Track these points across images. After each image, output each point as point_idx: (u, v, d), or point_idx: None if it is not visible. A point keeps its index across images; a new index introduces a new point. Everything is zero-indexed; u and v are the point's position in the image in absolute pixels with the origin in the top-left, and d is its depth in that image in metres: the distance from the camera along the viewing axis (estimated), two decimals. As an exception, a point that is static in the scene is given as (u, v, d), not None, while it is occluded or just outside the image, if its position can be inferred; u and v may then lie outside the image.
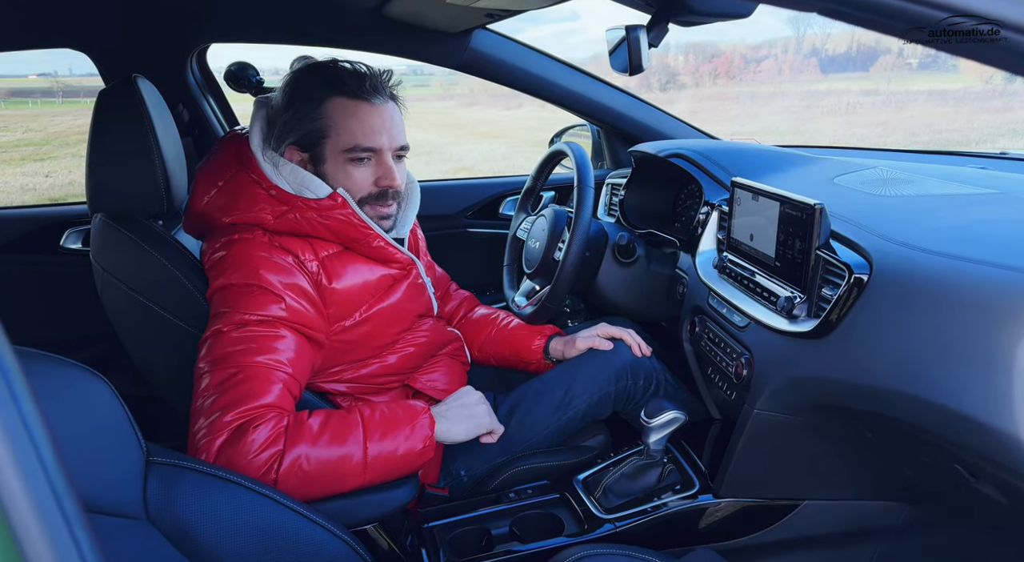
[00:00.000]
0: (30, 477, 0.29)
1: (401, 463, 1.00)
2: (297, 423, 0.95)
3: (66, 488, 0.31)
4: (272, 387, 0.96)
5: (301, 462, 0.91)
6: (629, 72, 1.05)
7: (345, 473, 0.95)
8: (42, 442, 0.30)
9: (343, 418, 0.99)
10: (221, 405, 0.93)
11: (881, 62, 35.91)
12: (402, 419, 1.02)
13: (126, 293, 1.11)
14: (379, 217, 1.16)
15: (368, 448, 0.97)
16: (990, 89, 21.09)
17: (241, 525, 0.79)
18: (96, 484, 0.68)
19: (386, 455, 0.98)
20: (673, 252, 1.55)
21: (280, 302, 1.02)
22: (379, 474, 0.98)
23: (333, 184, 1.12)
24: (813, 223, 0.95)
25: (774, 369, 1.04)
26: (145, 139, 1.11)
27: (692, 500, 1.17)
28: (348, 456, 0.95)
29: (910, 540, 1.20)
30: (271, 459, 0.90)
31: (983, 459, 0.77)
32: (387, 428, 1.00)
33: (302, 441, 0.93)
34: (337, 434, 0.96)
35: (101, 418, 0.70)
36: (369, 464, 0.96)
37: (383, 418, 1.01)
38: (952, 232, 0.89)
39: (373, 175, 1.13)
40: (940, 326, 0.78)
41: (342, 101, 1.10)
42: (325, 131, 1.10)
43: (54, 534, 0.29)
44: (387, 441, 0.99)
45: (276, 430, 0.92)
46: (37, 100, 23.39)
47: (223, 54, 1.72)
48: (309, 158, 1.12)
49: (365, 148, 1.10)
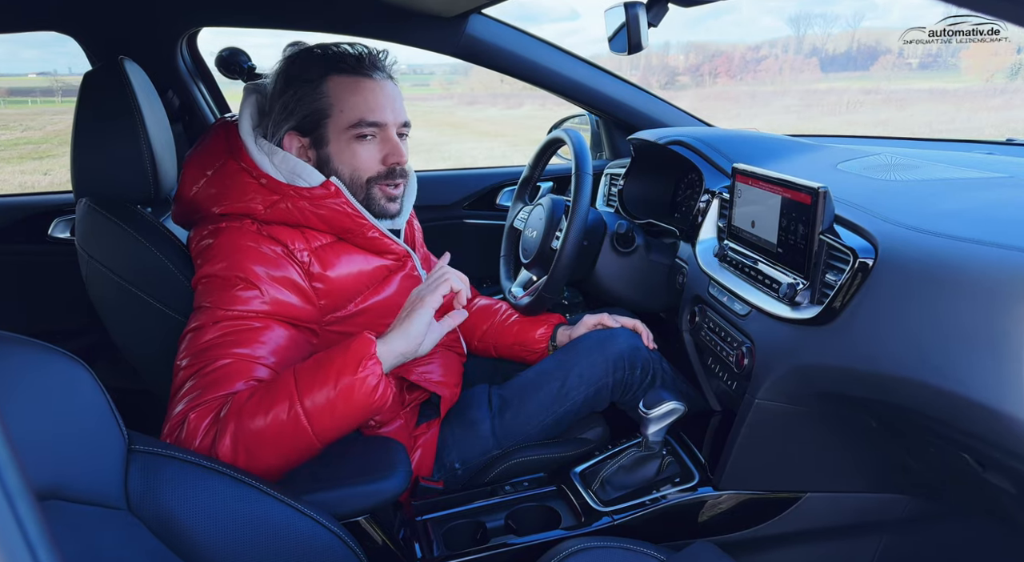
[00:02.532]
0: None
1: (348, 400, 0.88)
2: (234, 399, 0.89)
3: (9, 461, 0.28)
4: (241, 381, 0.92)
5: (237, 435, 0.86)
6: (628, 50, 1.03)
7: (287, 431, 0.87)
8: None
9: (275, 379, 0.92)
10: (184, 398, 0.90)
11: (881, 61, 35.94)
12: (334, 353, 0.92)
13: (112, 280, 1.08)
14: (388, 199, 1.13)
15: (302, 398, 0.87)
16: (990, 88, 21.09)
17: (225, 515, 0.76)
18: (75, 472, 0.66)
19: (324, 397, 0.88)
20: (672, 242, 1.53)
21: (264, 295, 0.99)
22: (331, 419, 0.89)
23: (338, 165, 1.09)
24: (817, 207, 0.93)
25: (776, 358, 1.02)
26: (131, 122, 1.08)
27: (691, 493, 1.14)
28: (279, 413, 0.87)
29: (914, 533, 1.18)
30: (212, 442, 0.86)
31: (992, 446, 0.75)
32: (318, 369, 0.90)
33: (232, 414, 0.87)
34: (266, 396, 0.89)
35: (81, 405, 0.68)
36: (309, 412, 0.87)
37: (314, 360, 0.92)
38: (959, 215, 0.87)
39: (380, 153, 1.11)
40: (947, 310, 0.75)
41: (342, 78, 1.07)
42: (327, 110, 1.07)
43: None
44: (319, 382, 0.88)
45: (214, 413, 0.88)
46: (36, 99, 23.39)
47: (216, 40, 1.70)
48: (310, 142, 1.10)
49: (370, 123, 1.08)
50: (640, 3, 0.98)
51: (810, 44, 50.87)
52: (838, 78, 33.71)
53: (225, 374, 0.92)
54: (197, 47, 1.82)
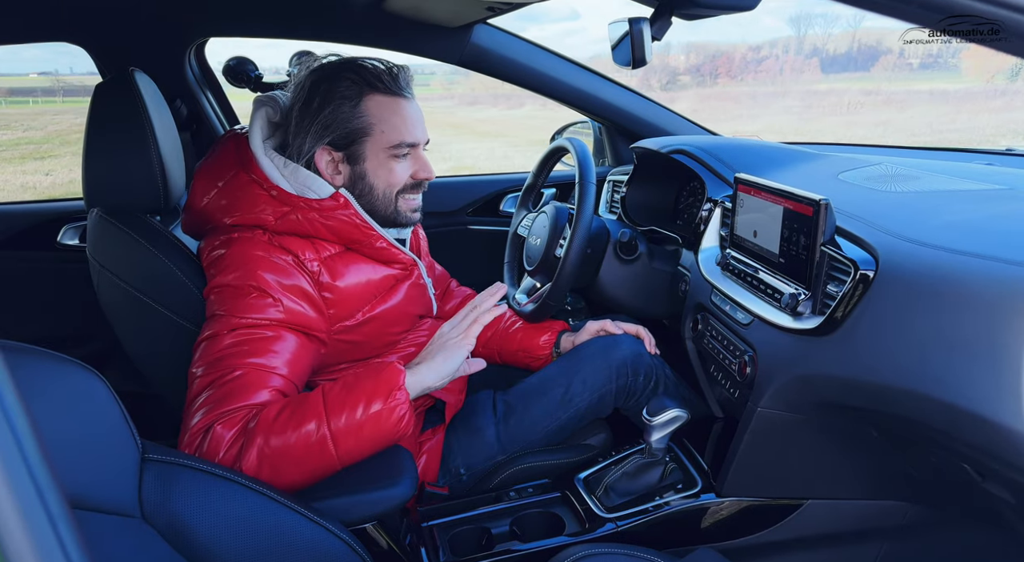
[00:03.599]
0: (11, 472, 0.28)
1: (375, 427, 0.92)
2: (262, 414, 0.92)
3: (49, 482, 0.30)
4: (259, 391, 0.94)
5: (264, 450, 0.88)
6: (632, 65, 1.04)
7: (313, 451, 0.90)
8: (24, 435, 0.29)
9: (304, 397, 0.94)
10: (202, 408, 0.92)
11: (882, 62, 35.93)
12: (364, 379, 0.96)
13: (122, 288, 1.10)
14: (411, 210, 1.17)
15: (330, 419, 0.91)
16: (991, 89, 21.08)
17: (237, 523, 0.78)
18: (90, 482, 0.67)
19: (352, 421, 0.91)
20: (675, 249, 1.54)
21: (277, 304, 1.01)
22: (356, 443, 0.92)
23: (373, 180, 1.12)
24: (818, 219, 0.94)
25: (778, 367, 1.03)
26: (143, 133, 1.10)
27: (694, 499, 1.15)
28: (307, 434, 0.90)
29: (914, 540, 1.19)
30: (236, 454, 0.88)
31: (991, 457, 0.76)
32: (347, 393, 0.93)
33: (260, 429, 0.89)
34: (295, 414, 0.91)
35: (96, 415, 0.69)
36: (335, 434, 0.90)
37: (344, 384, 0.95)
38: (960, 228, 0.88)
39: (411, 168, 1.14)
40: (947, 322, 0.77)
41: (381, 98, 1.09)
42: (367, 129, 1.09)
43: (36, 530, 0.28)
44: (348, 405, 0.92)
45: (240, 425, 0.90)
46: (38, 99, 23.41)
47: (222, 50, 1.71)
48: (343, 157, 1.11)
49: (409, 144, 1.12)
50: (645, 19, 1.00)
51: (811, 44, 50.87)
52: (838, 79, 33.69)
53: (242, 384, 0.94)
54: (205, 56, 1.84)
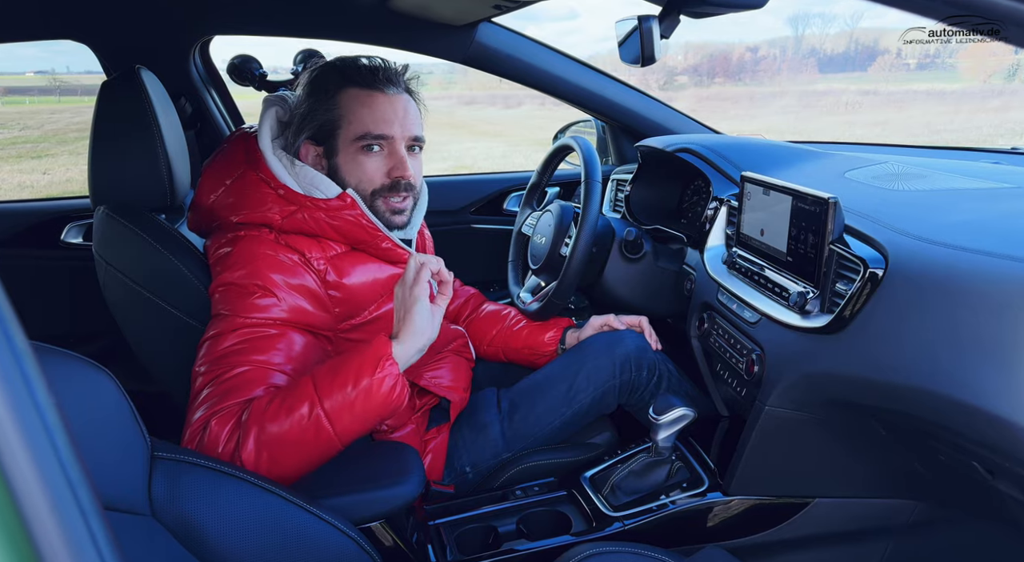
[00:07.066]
0: (44, 467, 0.28)
1: (367, 400, 0.90)
2: (253, 405, 0.91)
3: (81, 479, 0.30)
4: (259, 388, 0.94)
5: (260, 438, 0.87)
6: (641, 63, 1.04)
7: (309, 433, 0.89)
8: (57, 431, 0.29)
9: (294, 383, 0.93)
10: (203, 404, 0.92)
11: (879, 62, 36.00)
12: (351, 355, 0.94)
13: (129, 286, 1.09)
14: (392, 211, 1.14)
15: (322, 399, 0.89)
16: (988, 89, 21.14)
17: (246, 521, 0.78)
18: (100, 479, 0.67)
19: (344, 398, 0.90)
20: (680, 248, 1.54)
21: (282, 302, 1.01)
22: (351, 419, 0.90)
23: (346, 175, 1.11)
24: (827, 217, 0.94)
25: (786, 365, 1.03)
26: (149, 131, 1.09)
27: (701, 498, 1.15)
28: (301, 417, 0.88)
29: (922, 538, 1.19)
30: (234, 447, 0.88)
31: (1002, 455, 0.76)
32: (336, 371, 0.92)
33: (253, 419, 0.89)
34: (287, 400, 0.90)
35: (106, 413, 0.69)
36: (330, 413, 0.89)
37: (331, 364, 0.94)
38: (968, 226, 0.88)
39: (385, 166, 1.12)
40: (957, 320, 0.77)
41: (355, 91, 1.10)
42: (338, 121, 1.10)
43: (69, 527, 0.28)
44: (338, 383, 0.90)
45: (235, 419, 0.90)
46: (34, 97, 23.33)
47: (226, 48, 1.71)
48: (324, 151, 1.12)
49: (376, 136, 1.10)
50: (653, 17, 1.00)
51: (808, 44, 50.95)
52: (836, 79, 33.73)
53: (243, 381, 0.94)
54: (210, 54, 1.83)
